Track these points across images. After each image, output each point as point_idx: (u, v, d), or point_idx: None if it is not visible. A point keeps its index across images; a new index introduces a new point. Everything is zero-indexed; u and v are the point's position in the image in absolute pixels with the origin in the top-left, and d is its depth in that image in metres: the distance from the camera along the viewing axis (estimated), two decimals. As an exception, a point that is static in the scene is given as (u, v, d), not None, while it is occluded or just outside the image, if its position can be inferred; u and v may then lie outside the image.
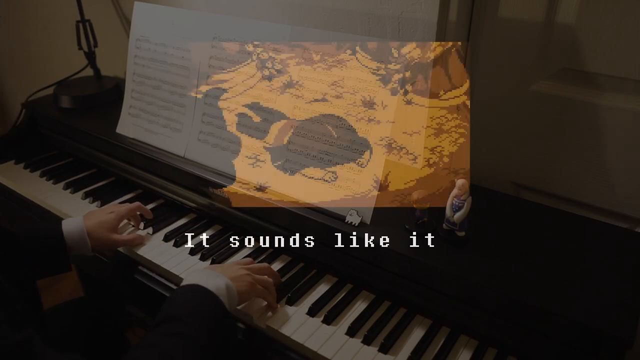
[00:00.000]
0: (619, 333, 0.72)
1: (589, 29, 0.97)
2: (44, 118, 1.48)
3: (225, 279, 0.83)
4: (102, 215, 1.07)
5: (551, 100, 1.05)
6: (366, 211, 0.95)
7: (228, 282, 0.82)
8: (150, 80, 1.26)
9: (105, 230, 1.04)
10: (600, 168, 1.04)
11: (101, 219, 1.06)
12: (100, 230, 1.04)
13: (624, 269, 0.85)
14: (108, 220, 1.06)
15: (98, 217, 1.06)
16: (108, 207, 1.12)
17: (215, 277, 0.82)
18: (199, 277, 0.82)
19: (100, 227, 1.04)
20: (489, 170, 1.18)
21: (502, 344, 0.84)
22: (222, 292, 0.80)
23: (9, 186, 1.35)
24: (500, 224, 0.97)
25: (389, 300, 0.94)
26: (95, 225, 1.04)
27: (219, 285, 0.80)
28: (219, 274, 0.84)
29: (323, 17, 1.21)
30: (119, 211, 1.09)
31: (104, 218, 1.06)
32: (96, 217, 1.06)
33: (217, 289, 0.79)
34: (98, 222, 1.05)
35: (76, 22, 1.54)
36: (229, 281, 0.83)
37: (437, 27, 1.05)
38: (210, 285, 0.79)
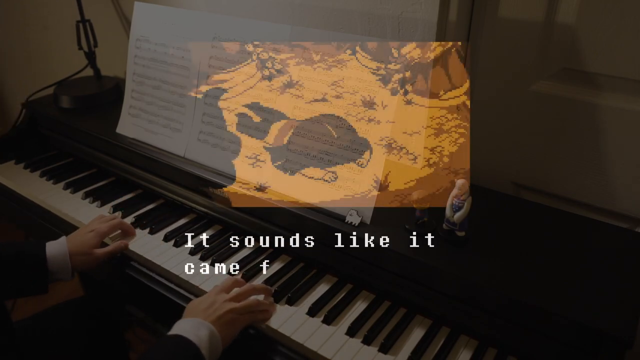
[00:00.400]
0: (619, 333, 0.72)
1: (589, 29, 0.97)
2: (44, 118, 1.48)
3: (210, 327, 0.83)
4: (82, 234, 1.07)
5: (551, 100, 1.05)
6: (366, 211, 0.95)
7: (211, 330, 0.83)
8: (150, 80, 1.26)
9: (87, 248, 1.04)
10: (600, 168, 1.04)
11: (81, 239, 1.06)
12: (82, 249, 1.04)
13: (624, 269, 0.85)
14: (87, 239, 1.05)
15: (79, 238, 1.06)
16: (89, 225, 1.11)
17: (199, 326, 0.83)
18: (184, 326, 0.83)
19: (81, 247, 1.04)
20: (489, 170, 1.18)
21: (502, 344, 0.84)
22: (204, 342, 0.81)
23: (9, 186, 1.35)
24: (500, 224, 0.97)
25: (389, 300, 0.94)
26: (76, 246, 1.04)
27: (201, 335, 0.81)
28: (204, 321, 0.84)
29: (323, 17, 1.21)
30: (98, 230, 1.08)
31: (84, 238, 1.06)
32: (77, 237, 1.06)
33: (198, 338, 0.80)
34: (79, 242, 1.05)
35: (76, 22, 1.54)
36: (213, 328, 0.84)
37: (437, 27, 1.05)
38: (191, 335, 0.80)
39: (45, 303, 1.16)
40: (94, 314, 1.26)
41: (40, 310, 1.20)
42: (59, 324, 1.18)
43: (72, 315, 1.23)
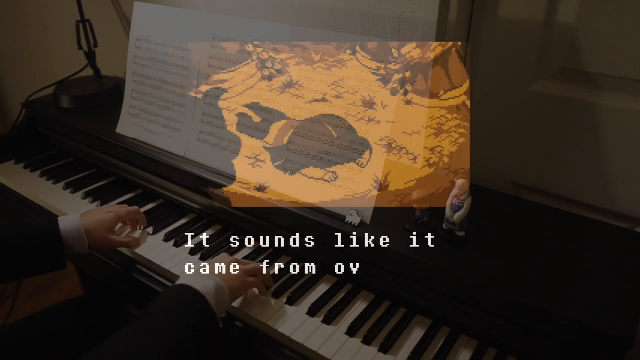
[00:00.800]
0: (619, 333, 0.72)
1: (589, 29, 0.97)
2: (44, 118, 1.48)
3: (216, 279, 0.83)
4: (100, 214, 1.07)
5: (551, 100, 1.05)
6: (366, 211, 0.95)
7: (218, 282, 0.83)
8: (150, 80, 1.26)
9: (103, 230, 1.04)
10: (600, 168, 1.04)
11: (100, 217, 1.05)
12: (99, 229, 1.03)
13: (624, 269, 0.85)
14: (107, 219, 1.05)
15: (96, 216, 1.06)
16: (107, 206, 1.12)
17: (205, 278, 0.83)
18: (189, 278, 0.83)
19: (99, 226, 1.03)
20: (489, 170, 1.18)
21: (502, 344, 0.84)
22: (210, 292, 0.80)
23: (9, 186, 1.35)
24: (500, 224, 0.97)
25: (389, 300, 0.94)
26: (93, 224, 1.03)
27: (207, 285, 0.81)
28: (211, 275, 0.84)
29: (323, 17, 1.21)
30: (118, 212, 1.08)
31: (103, 217, 1.06)
32: (94, 215, 1.06)
33: (204, 288, 0.80)
34: (97, 220, 1.04)
35: (76, 22, 1.54)
36: (220, 281, 0.83)
37: (437, 27, 1.05)
38: (197, 285, 0.80)
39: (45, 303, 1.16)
40: (94, 313, 1.26)
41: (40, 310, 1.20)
42: (59, 324, 1.18)
43: (73, 315, 1.23)
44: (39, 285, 2.12)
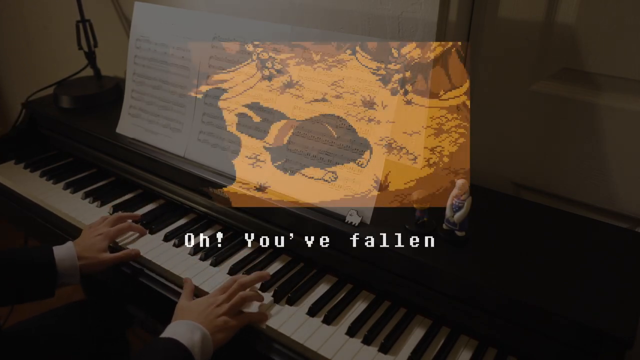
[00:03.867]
0: (619, 333, 0.72)
1: (589, 29, 0.97)
2: (44, 118, 1.48)
3: (203, 330, 0.84)
4: (90, 238, 1.07)
5: (551, 100, 1.05)
6: (366, 211, 0.95)
7: (205, 334, 0.84)
8: (150, 80, 1.26)
9: (95, 252, 1.04)
10: (600, 168, 1.04)
11: (91, 241, 1.06)
12: (91, 252, 1.04)
13: (624, 269, 0.85)
14: (97, 242, 1.06)
15: (87, 240, 1.06)
16: (95, 228, 1.11)
17: (193, 330, 0.83)
18: (178, 330, 0.83)
19: (90, 250, 1.04)
20: (489, 170, 1.18)
21: (502, 344, 0.84)
22: (196, 347, 0.81)
23: (9, 186, 1.35)
24: (500, 224, 0.97)
25: (389, 300, 0.94)
26: (84, 249, 1.04)
27: (195, 340, 0.82)
28: (198, 325, 0.84)
29: (323, 17, 1.21)
30: (106, 233, 1.08)
31: (93, 240, 1.06)
32: (85, 240, 1.07)
33: (192, 343, 0.81)
34: (88, 245, 1.05)
35: (76, 22, 1.54)
36: (206, 332, 0.84)
37: (437, 27, 1.05)
38: (185, 340, 0.81)
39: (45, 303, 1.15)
40: (96, 315, 1.26)
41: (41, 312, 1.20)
42: (61, 326, 1.18)
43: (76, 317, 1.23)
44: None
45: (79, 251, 1.03)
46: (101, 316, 1.27)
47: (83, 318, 1.23)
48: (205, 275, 1.00)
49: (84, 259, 1.03)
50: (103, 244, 1.06)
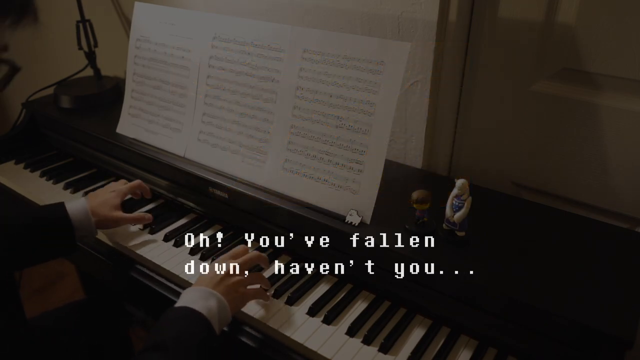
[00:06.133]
0: (619, 333, 0.72)
1: (589, 29, 0.97)
2: (44, 118, 1.48)
3: (218, 296, 0.82)
4: (104, 194, 1.10)
5: (551, 100, 1.05)
6: (366, 211, 0.95)
7: (220, 300, 0.82)
8: (150, 80, 1.26)
9: (108, 209, 1.07)
10: (600, 168, 1.04)
11: (104, 197, 1.09)
12: (104, 208, 1.06)
13: (624, 269, 0.85)
14: (110, 198, 1.09)
15: (100, 197, 1.09)
16: (109, 186, 1.15)
17: (208, 297, 0.81)
18: (192, 297, 0.81)
19: (103, 206, 1.07)
20: (489, 170, 1.18)
21: (502, 344, 0.84)
22: (213, 313, 0.79)
23: (9, 186, 1.35)
24: (500, 224, 0.97)
25: (389, 300, 0.94)
26: (98, 204, 1.06)
27: (211, 307, 0.79)
28: (212, 291, 0.82)
29: (323, 17, 1.21)
30: (119, 189, 1.12)
31: (107, 196, 1.09)
32: (98, 196, 1.10)
33: (209, 310, 0.78)
34: (101, 200, 1.08)
35: (76, 22, 1.54)
36: (222, 298, 0.82)
37: (437, 27, 1.05)
38: (201, 308, 0.78)
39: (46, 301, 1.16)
40: (97, 314, 1.27)
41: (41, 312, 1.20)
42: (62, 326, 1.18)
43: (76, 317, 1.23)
44: (39, 285, 2.13)
45: (92, 206, 1.05)
46: (101, 316, 1.27)
47: (83, 318, 1.23)
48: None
49: (97, 216, 1.05)
50: (116, 200, 1.09)
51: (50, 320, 1.18)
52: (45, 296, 2.05)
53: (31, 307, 1.10)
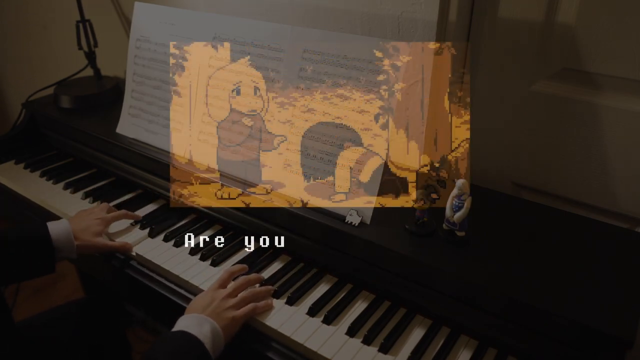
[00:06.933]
0: (619, 333, 0.72)
1: (589, 29, 0.97)
2: (44, 118, 1.48)
3: (212, 322, 0.84)
4: (88, 219, 1.08)
5: (551, 100, 1.05)
6: (366, 211, 0.95)
7: (214, 326, 0.84)
8: (150, 80, 1.26)
9: (91, 234, 1.05)
10: (600, 168, 1.04)
11: (87, 223, 1.07)
12: (86, 234, 1.05)
13: (624, 269, 0.85)
14: (94, 224, 1.07)
15: (85, 222, 1.07)
16: (94, 211, 1.12)
17: (202, 323, 0.83)
18: (187, 323, 0.83)
19: (86, 231, 1.05)
20: (489, 170, 1.18)
21: (502, 344, 0.84)
22: (208, 339, 0.81)
23: (9, 186, 1.35)
24: (500, 224, 0.97)
25: (389, 300, 0.94)
26: (81, 229, 1.05)
27: (205, 332, 0.82)
28: (206, 317, 0.85)
29: (323, 17, 1.21)
30: (104, 217, 1.10)
31: (91, 222, 1.07)
32: (83, 220, 1.08)
33: (204, 336, 0.81)
34: (85, 225, 1.06)
35: (76, 22, 1.54)
36: (215, 324, 0.84)
37: (437, 27, 1.05)
38: (196, 333, 0.81)
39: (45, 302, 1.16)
40: (96, 314, 1.26)
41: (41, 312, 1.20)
42: (62, 326, 1.18)
43: (75, 316, 1.23)
44: (39, 285, 2.13)
45: (75, 230, 1.04)
46: (101, 316, 1.27)
47: (83, 317, 1.23)
48: (205, 275, 1.00)
49: (79, 240, 1.04)
50: (99, 227, 1.08)
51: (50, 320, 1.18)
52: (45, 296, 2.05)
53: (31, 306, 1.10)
